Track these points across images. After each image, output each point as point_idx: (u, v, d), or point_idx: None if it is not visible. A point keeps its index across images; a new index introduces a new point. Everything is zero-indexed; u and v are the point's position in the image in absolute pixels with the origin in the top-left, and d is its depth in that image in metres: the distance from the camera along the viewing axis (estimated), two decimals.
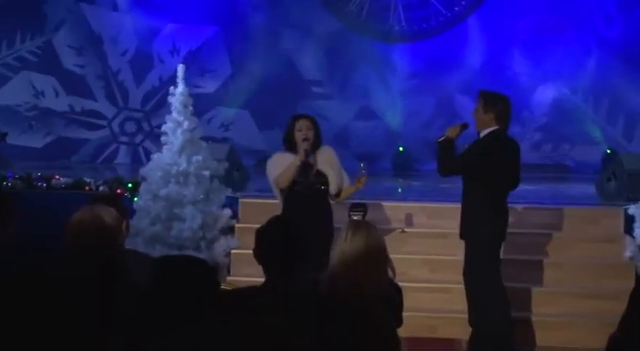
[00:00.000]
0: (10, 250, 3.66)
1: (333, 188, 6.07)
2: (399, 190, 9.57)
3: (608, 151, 10.65)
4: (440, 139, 6.09)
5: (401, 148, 11.45)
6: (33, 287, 2.89)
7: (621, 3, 11.40)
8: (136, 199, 7.50)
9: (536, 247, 7.26)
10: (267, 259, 3.21)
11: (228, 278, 7.20)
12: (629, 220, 7.30)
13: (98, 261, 3.18)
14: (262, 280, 3.34)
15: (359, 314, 2.93)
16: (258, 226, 3.53)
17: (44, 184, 8.16)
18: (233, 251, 7.37)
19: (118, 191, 7.83)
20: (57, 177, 8.25)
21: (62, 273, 3.02)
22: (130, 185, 7.91)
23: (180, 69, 7.43)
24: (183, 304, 2.54)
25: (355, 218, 6.16)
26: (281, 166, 6.07)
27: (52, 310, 2.72)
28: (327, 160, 6.09)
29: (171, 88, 7.45)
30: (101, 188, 7.98)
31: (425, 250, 7.14)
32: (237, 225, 7.55)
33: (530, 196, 8.30)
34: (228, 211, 7.47)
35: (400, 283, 4.18)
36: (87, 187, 8.06)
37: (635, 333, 3.41)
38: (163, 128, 7.50)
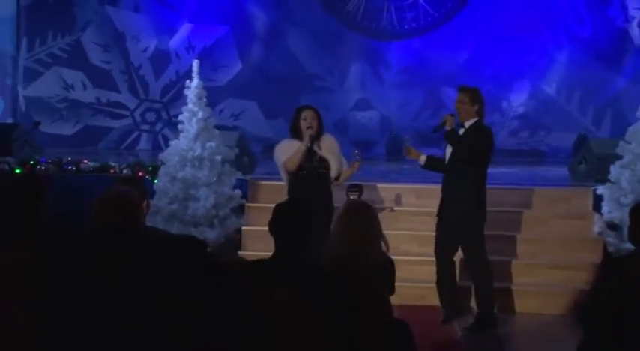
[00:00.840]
0: (44, 226, 3.66)
1: (333, 172, 6.08)
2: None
3: (582, 134, 10.60)
4: (446, 132, 6.06)
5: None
6: (66, 260, 2.89)
7: (591, 5, 11.35)
8: (155, 181, 7.51)
9: (515, 223, 7.27)
10: (279, 232, 3.20)
11: (239, 252, 7.21)
12: (598, 200, 7.30)
13: (122, 236, 3.18)
14: (269, 253, 3.33)
15: (355, 283, 2.92)
16: (265, 205, 3.54)
17: (74, 168, 8.16)
18: (243, 228, 7.37)
19: (140, 174, 7.83)
20: (85, 161, 8.25)
21: (91, 247, 3.02)
22: (150, 169, 7.91)
23: (195, 64, 7.41)
24: (192, 276, 2.54)
25: (352, 198, 6.16)
26: (288, 151, 6.07)
27: (84, 281, 2.72)
28: (328, 147, 6.09)
29: (187, 81, 7.44)
30: (125, 171, 7.98)
31: (414, 226, 7.14)
32: (246, 204, 7.55)
33: (509, 178, 8.30)
34: (238, 192, 7.47)
35: (392, 257, 4.16)
36: (112, 171, 8.06)
37: (602, 302, 3.41)
38: (180, 118, 7.49)
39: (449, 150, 6.15)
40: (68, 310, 2.54)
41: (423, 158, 6.17)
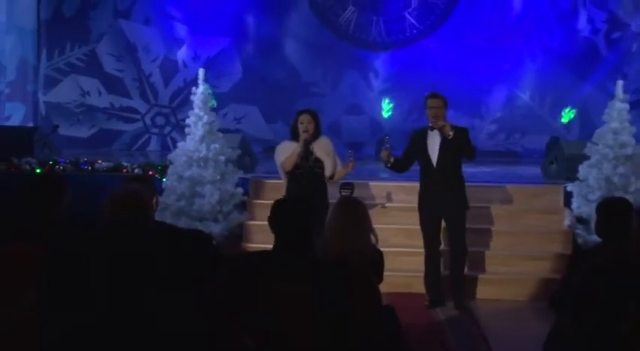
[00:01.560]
0: (63, 220, 3.64)
1: (328, 172, 6.07)
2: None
3: (554, 136, 10.60)
4: (450, 137, 6.02)
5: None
6: (83, 251, 2.87)
7: (561, 19, 11.37)
8: (164, 179, 7.49)
9: (494, 218, 7.26)
10: (278, 228, 3.15)
11: (242, 244, 7.20)
12: (568, 196, 7.31)
13: (133, 230, 3.17)
14: (268, 245, 3.32)
15: (348, 272, 2.92)
16: (266, 201, 3.52)
17: (89, 168, 8.13)
18: (245, 222, 7.36)
19: (150, 173, 7.81)
20: (100, 162, 8.22)
21: (104, 241, 3.01)
22: (159, 168, 7.89)
23: (201, 72, 7.39)
24: (199, 266, 2.52)
25: (344, 195, 6.14)
26: (286, 152, 6.07)
27: (100, 270, 2.70)
28: (323, 148, 6.08)
29: (193, 88, 7.42)
30: (136, 171, 7.95)
31: (402, 221, 7.13)
32: (248, 200, 7.53)
33: (487, 176, 8.30)
34: (240, 190, 7.46)
35: (382, 248, 4.16)
36: (124, 170, 8.03)
37: (572, 290, 3.42)
38: (187, 121, 7.47)
39: (433, 150, 6.12)
40: (79, 304, 2.51)
41: (391, 159, 6.19)
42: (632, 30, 11.26)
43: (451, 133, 5.99)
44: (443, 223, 6.28)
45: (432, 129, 6.12)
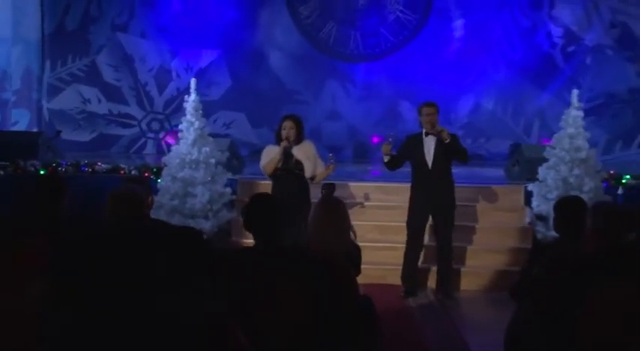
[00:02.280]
0: (64, 218, 3.61)
1: (307, 174, 6.07)
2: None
3: (515, 142, 10.66)
4: (448, 141, 6.04)
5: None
6: (84, 248, 2.84)
7: (522, 33, 11.45)
8: (159, 180, 7.45)
9: (462, 215, 7.24)
10: (254, 228, 3.07)
11: (230, 239, 7.17)
12: (529, 195, 7.36)
13: (130, 227, 3.15)
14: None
15: (329, 266, 2.92)
16: None
17: (90, 170, 8.08)
18: (233, 220, 7.33)
19: (146, 174, 7.77)
20: (99, 164, 8.17)
21: (104, 238, 2.98)
22: (154, 170, 7.85)
23: (193, 82, 7.37)
24: (192, 260, 2.50)
25: (326, 194, 6.13)
26: (268, 156, 6.07)
27: (100, 264, 2.67)
28: (305, 152, 6.08)
29: (186, 96, 7.39)
30: (133, 172, 7.91)
31: (378, 218, 7.15)
32: (236, 199, 7.51)
33: (456, 178, 8.32)
34: (229, 190, 7.44)
35: (359, 244, 4.17)
36: (122, 172, 7.98)
37: (531, 281, 3.44)
38: (180, 127, 7.44)
39: (429, 154, 6.14)
40: (80, 300, 2.47)
41: (387, 157, 6.21)
42: (586, 44, 11.38)
43: (448, 137, 6.02)
44: (429, 221, 6.30)
45: (427, 134, 6.15)
